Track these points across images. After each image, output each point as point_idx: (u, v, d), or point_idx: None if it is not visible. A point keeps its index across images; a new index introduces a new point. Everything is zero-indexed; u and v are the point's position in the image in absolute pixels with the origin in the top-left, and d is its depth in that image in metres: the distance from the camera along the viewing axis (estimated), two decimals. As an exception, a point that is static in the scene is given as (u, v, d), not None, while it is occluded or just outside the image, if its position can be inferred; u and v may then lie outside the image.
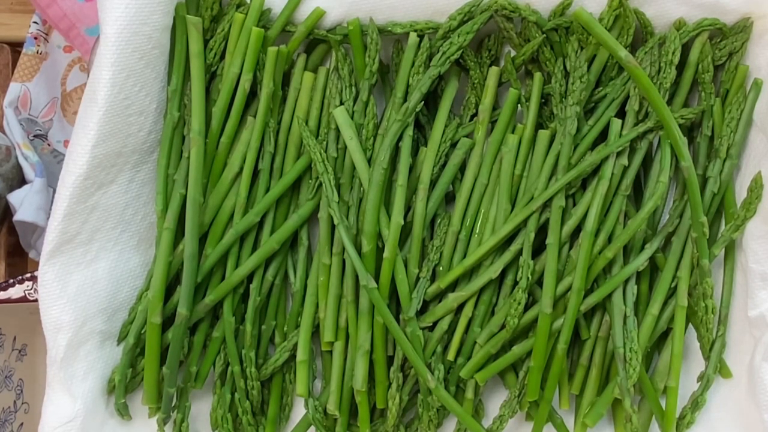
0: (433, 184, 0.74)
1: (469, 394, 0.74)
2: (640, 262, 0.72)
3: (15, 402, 0.87)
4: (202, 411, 0.79)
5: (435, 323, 0.74)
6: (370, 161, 0.73)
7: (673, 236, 0.74)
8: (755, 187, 0.72)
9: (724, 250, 0.74)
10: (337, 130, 0.74)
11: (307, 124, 0.75)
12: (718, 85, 0.75)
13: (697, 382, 0.73)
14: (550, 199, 0.71)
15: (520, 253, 0.72)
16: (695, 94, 0.76)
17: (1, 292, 0.80)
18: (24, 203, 0.82)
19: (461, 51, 0.72)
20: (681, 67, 0.73)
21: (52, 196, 0.85)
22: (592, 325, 0.74)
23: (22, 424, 0.87)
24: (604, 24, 0.72)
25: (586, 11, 0.70)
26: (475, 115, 0.76)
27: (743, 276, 0.73)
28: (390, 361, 0.74)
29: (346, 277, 0.73)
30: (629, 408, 0.70)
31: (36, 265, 0.85)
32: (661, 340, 0.75)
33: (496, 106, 0.76)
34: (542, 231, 0.73)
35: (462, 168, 0.76)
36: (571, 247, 0.73)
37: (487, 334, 0.73)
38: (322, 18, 0.73)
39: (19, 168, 0.84)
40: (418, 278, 0.73)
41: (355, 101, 0.74)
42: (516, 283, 0.72)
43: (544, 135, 0.74)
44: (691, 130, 0.76)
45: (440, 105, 0.75)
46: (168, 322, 0.74)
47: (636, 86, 0.71)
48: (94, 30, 0.79)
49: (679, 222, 0.73)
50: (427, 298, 0.74)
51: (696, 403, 0.72)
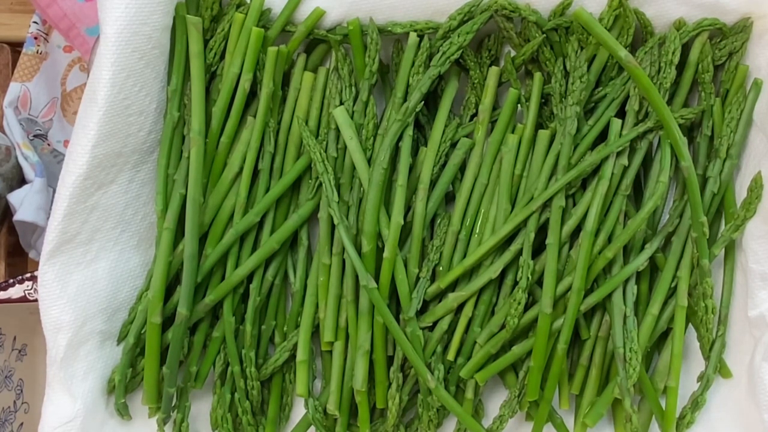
0: (433, 184, 0.74)
1: (469, 394, 0.74)
2: (640, 262, 0.72)
3: (15, 402, 0.87)
4: (202, 411, 0.79)
5: (435, 323, 0.74)
6: (370, 161, 0.73)
7: (673, 236, 0.74)
8: (755, 187, 0.72)
9: (724, 250, 0.74)
10: (337, 130, 0.74)
11: (307, 124, 0.75)
12: (718, 85, 0.75)
13: (697, 382, 0.73)
14: (550, 199, 0.71)
15: (520, 253, 0.72)
16: (695, 94, 0.76)
17: (1, 292, 0.80)
18: (24, 203, 0.82)
19: (461, 51, 0.72)
20: (681, 67, 0.73)
21: (52, 196, 0.85)
22: (592, 325, 0.74)
23: (22, 424, 0.87)
24: (604, 24, 0.72)
25: (586, 11, 0.70)
26: (475, 115, 0.76)
27: (743, 276, 0.73)
28: (390, 361, 0.74)
29: (346, 277, 0.73)
30: (629, 408, 0.70)
31: (36, 265, 0.85)
32: (661, 340, 0.75)
33: (496, 106, 0.76)
34: (542, 231, 0.73)
35: (462, 168, 0.76)
36: (571, 247, 0.73)
37: (487, 334, 0.73)
38: (322, 18, 0.73)
39: (19, 168, 0.84)
40: (418, 278, 0.73)
41: (355, 101, 0.74)
42: (516, 283, 0.72)
43: (544, 135, 0.74)
44: (691, 130, 0.76)
45: (440, 105, 0.75)
46: (168, 322, 0.74)
47: (636, 86, 0.71)
48: (94, 30, 0.79)
49: (679, 222, 0.73)
50: (427, 298, 0.74)
51: (696, 403, 0.72)
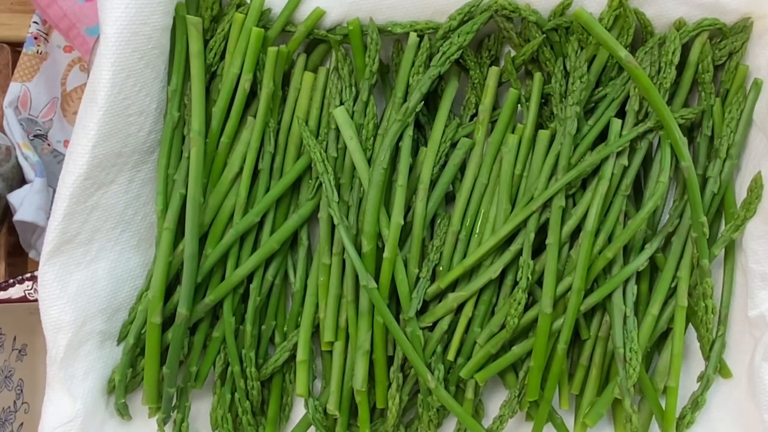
0: (433, 184, 0.74)
1: (469, 394, 0.74)
2: (640, 262, 0.72)
3: (15, 402, 0.87)
4: (202, 411, 0.79)
5: (435, 323, 0.74)
6: (370, 161, 0.73)
7: (673, 236, 0.74)
8: (755, 187, 0.72)
9: (724, 250, 0.74)
10: (337, 130, 0.74)
11: (307, 124, 0.75)
12: (718, 85, 0.75)
13: (697, 382, 0.73)
14: (550, 199, 0.71)
15: (520, 253, 0.72)
16: (695, 94, 0.76)
17: (1, 292, 0.80)
18: (24, 203, 0.82)
19: (461, 51, 0.72)
20: (681, 67, 0.73)
21: (52, 196, 0.85)
22: (592, 325, 0.74)
23: (22, 424, 0.87)
24: (604, 24, 0.72)
25: (586, 11, 0.70)
26: (475, 115, 0.76)
27: (743, 276, 0.73)
28: (390, 361, 0.74)
29: (346, 277, 0.73)
30: (629, 408, 0.70)
31: (36, 265, 0.85)
32: (661, 340, 0.75)
33: (496, 106, 0.76)
34: (542, 231, 0.73)
35: (462, 168, 0.76)
36: (571, 247, 0.73)
37: (487, 334, 0.73)
38: (322, 18, 0.73)
39: (19, 168, 0.84)
40: (418, 278, 0.73)
41: (355, 101, 0.74)
42: (516, 283, 0.72)
43: (544, 135, 0.74)
44: (691, 130, 0.76)
45: (440, 105, 0.75)
46: (168, 322, 0.74)
47: (636, 86, 0.71)
48: (94, 30, 0.79)
49: (679, 222, 0.73)
50: (427, 298, 0.74)
51: (696, 403, 0.72)
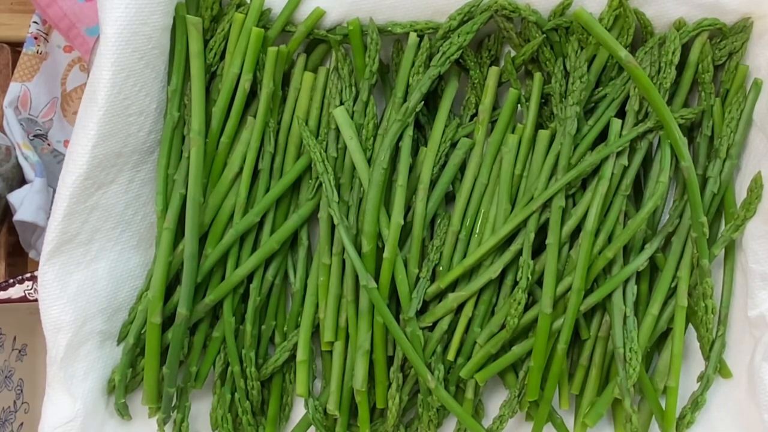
0: (433, 184, 0.74)
1: (469, 394, 0.74)
2: (640, 262, 0.72)
3: (15, 402, 0.87)
4: (202, 411, 0.79)
5: (435, 323, 0.74)
6: (370, 161, 0.73)
7: (673, 236, 0.74)
8: (755, 187, 0.72)
9: (724, 250, 0.74)
10: (337, 130, 0.74)
11: (307, 124, 0.75)
12: (718, 85, 0.75)
13: (697, 382, 0.73)
14: (550, 199, 0.71)
15: (520, 253, 0.72)
16: (695, 94, 0.76)
17: (1, 292, 0.80)
18: (24, 203, 0.82)
19: (461, 51, 0.72)
20: (681, 67, 0.73)
21: (52, 196, 0.85)
22: (592, 325, 0.74)
23: (22, 424, 0.87)
24: (604, 24, 0.72)
25: (586, 11, 0.70)
26: (475, 115, 0.76)
27: (743, 276, 0.73)
28: (390, 361, 0.74)
29: (346, 277, 0.73)
30: (629, 408, 0.70)
31: (36, 265, 0.85)
32: (661, 340, 0.75)
33: (496, 106, 0.76)
34: (542, 231, 0.73)
35: (462, 168, 0.76)
36: (571, 247, 0.73)
37: (487, 334, 0.73)
38: (322, 18, 0.73)
39: (19, 168, 0.84)
40: (418, 278, 0.73)
41: (355, 101, 0.74)
42: (516, 283, 0.72)
43: (544, 135, 0.74)
44: (691, 130, 0.76)
45: (440, 105, 0.75)
46: (168, 322, 0.74)
47: (636, 86, 0.71)
48: (94, 30, 0.79)
49: (679, 222, 0.73)
50: (427, 298, 0.74)
51: (696, 403, 0.72)
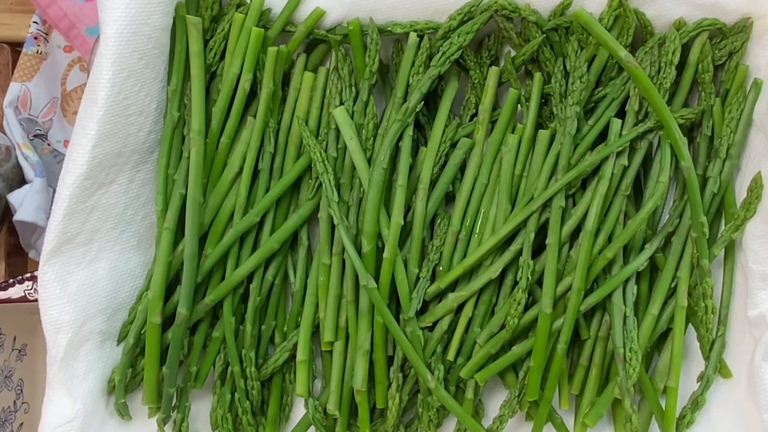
0: (433, 184, 0.74)
1: (469, 394, 0.74)
2: (640, 262, 0.72)
3: (15, 402, 0.87)
4: (202, 411, 0.79)
5: (435, 323, 0.74)
6: (370, 161, 0.73)
7: (673, 236, 0.74)
8: (755, 187, 0.72)
9: (724, 250, 0.74)
10: (337, 130, 0.74)
11: (307, 124, 0.75)
12: (718, 85, 0.75)
13: (697, 382, 0.73)
14: (550, 199, 0.71)
15: (520, 253, 0.72)
16: (695, 94, 0.76)
17: (1, 292, 0.80)
18: (24, 203, 0.82)
19: (461, 51, 0.72)
20: (681, 67, 0.73)
21: (52, 196, 0.85)
22: (592, 325, 0.74)
23: (22, 424, 0.87)
24: (604, 24, 0.72)
25: (586, 11, 0.70)
26: (475, 115, 0.76)
27: (743, 276, 0.73)
28: (390, 361, 0.74)
29: (346, 277, 0.73)
30: (629, 408, 0.70)
31: (36, 265, 0.85)
32: (661, 340, 0.75)
33: (496, 106, 0.76)
34: (542, 231, 0.73)
35: (462, 168, 0.76)
36: (571, 247, 0.73)
37: (487, 334, 0.73)
38: (322, 18, 0.73)
39: (19, 168, 0.84)
40: (418, 278, 0.73)
41: (355, 101, 0.74)
42: (516, 283, 0.72)
43: (544, 135, 0.74)
44: (691, 130, 0.76)
45: (440, 105, 0.75)
46: (168, 322, 0.74)
47: (636, 86, 0.71)
48: (94, 30, 0.79)
49: (679, 222, 0.73)
50: (427, 298, 0.74)
51: (696, 403, 0.72)
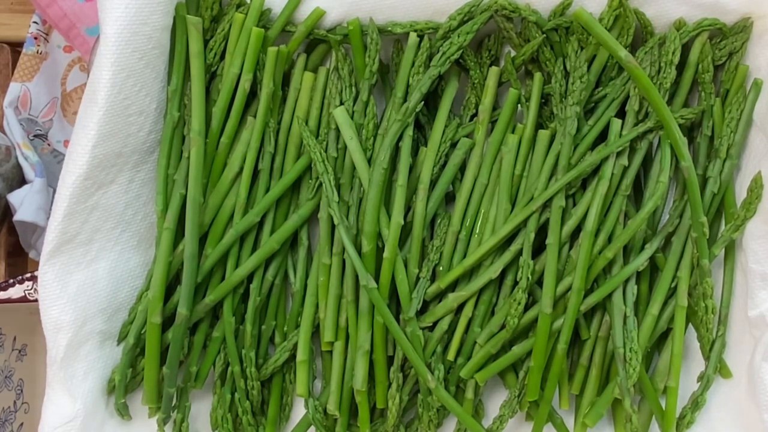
0: (433, 184, 0.74)
1: (469, 394, 0.74)
2: (640, 262, 0.72)
3: (15, 402, 0.87)
4: (202, 411, 0.79)
5: (435, 323, 0.74)
6: (370, 161, 0.73)
7: (673, 236, 0.74)
8: (755, 187, 0.72)
9: (724, 250, 0.74)
10: (337, 130, 0.74)
11: (307, 124, 0.75)
12: (718, 85, 0.75)
13: (697, 382, 0.73)
14: (550, 199, 0.71)
15: (520, 253, 0.72)
16: (695, 94, 0.76)
17: (1, 292, 0.80)
18: (24, 203, 0.82)
19: (461, 51, 0.72)
20: (681, 67, 0.73)
21: (52, 196, 0.85)
22: (592, 325, 0.74)
23: (22, 424, 0.87)
24: (604, 24, 0.72)
25: (586, 11, 0.70)
26: (475, 115, 0.76)
27: (743, 276, 0.73)
28: (390, 361, 0.74)
29: (346, 277, 0.73)
30: (629, 408, 0.70)
31: (36, 265, 0.85)
32: (661, 340, 0.75)
33: (496, 106, 0.76)
34: (542, 231, 0.73)
35: (462, 168, 0.76)
36: (571, 247, 0.73)
37: (487, 334, 0.73)
38: (322, 18, 0.73)
39: (19, 168, 0.84)
40: (418, 278, 0.73)
41: (355, 101, 0.74)
42: (516, 283, 0.72)
43: (544, 135, 0.74)
44: (691, 130, 0.76)
45: (440, 105, 0.75)
46: (168, 322, 0.74)
47: (636, 86, 0.71)
48: (94, 30, 0.79)
49: (679, 222, 0.73)
50: (427, 298, 0.74)
51: (696, 403, 0.72)
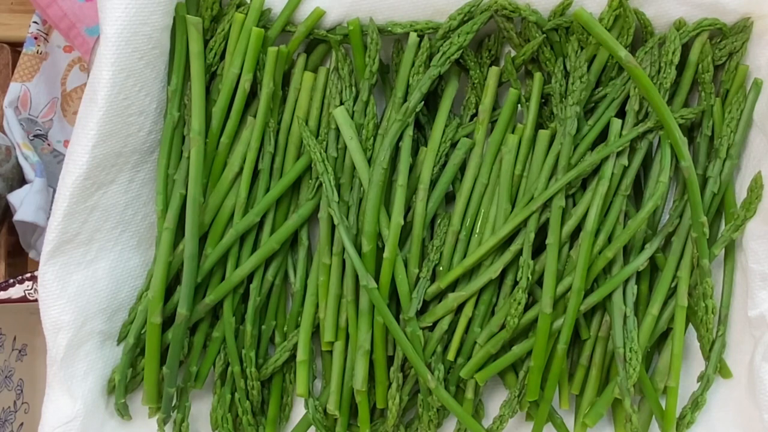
0: (433, 184, 0.74)
1: (469, 394, 0.74)
2: (640, 262, 0.72)
3: (15, 402, 0.87)
4: (202, 411, 0.79)
5: (435, 323, 0.74)
6: (370, 161, 0.73)
7: (673, 236, 0.74)
8: (755, 187, 0.72)
9: (724, 250, 0.74)
10: (337, 130, 0.74)
11: (307, 124, 0.75)
12: (718, 85, 0.75)
13: (697, 382, 0.73)
14: (550, 199, 0.71)
15: (520, 253, 0.72)
16: (695, 94, 0.76)
17: (1, 292, 0.80)
18: (24, 203, 0.82)
19: (461, 51, 0.72)
20: (681, 67, 0.73)
21: (52, 196, 0.85)
22: (592, 325, 0.74)
23: (22, 424, 0.87)
24: (604, 24, 0.72)
25: (586, 11, 0.70)
26: (475, 115, 0.76)
27: (743, 276, 0.73)
28: (390, 361, 0.74)
29: (346, 277, 0.73)
30: (629, 408, 0.70)
31: (36, 265, 0.85)
32: (661, 340, 0.75)
33: (496, 106, 0.76)
34: (542, 231, 0.73)
35: (462, 168, 0.76)
36: (571, 247, 0.73)
37: (487, 334, 0.73)
38: (322, 18, 0.73)
39: (19, 168, 0.84)
40: (418, 278, 0.73)
41: (355, 101, 0.74)
42: (516, 283, 0.72)
43: (544, 135, 0.74)
44: (691, 130, 0.76)
45: (440, 105, 0.75)
46: (168, 322, 0.74)
47: (636, 86, 0.71)
48: (94, 30, 0.79)
49: (679, 222, 0.73)
50: (427, 298, 0.74)
51: (696, 403, 0.72)
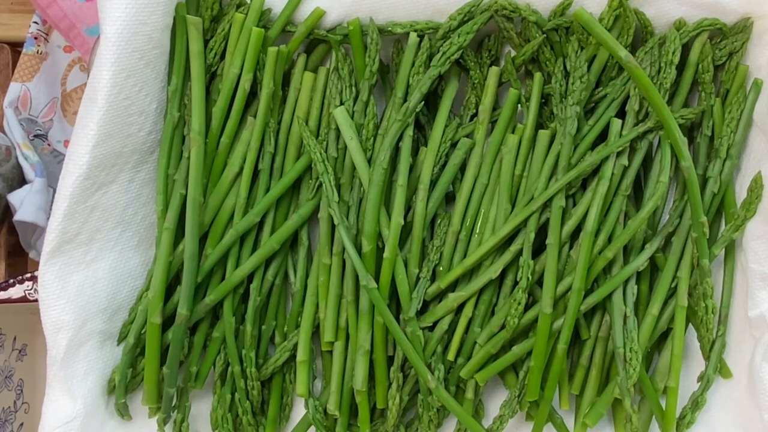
0: (433, 184, 0.74)
1: (469, 394, 0.74)
2: (640, 262, 0.72)
3: (15, 402, 0.87)
4: (202, 411, 0.79)
5: (435, 323, 0.74)
6: (370, 161, 0.73)
7: (673, 236, 0.74)
8: (755, 187, 0.72)
9: (724, 250, 0.74)
10: (337, 130, 0.74)
11: (307, 124, 0.75)
12: (718, 85, 0.75)
13: (697, 382, 0.73)
14: (550, 199, 0.71)
15: (520, 253, 0.72)
16: (695, 94, 0.76)
17: (1, 292, 0.80)
18: (24, 203, 0.82)
19: (461, 51, 0.72)
20: (681, 67, 0.73)
21: (52, 196, 0.85)
22: (592, 325, 0.74)
23: (22, 424, 0.87)
24: (604, 24, 0.72)
25: (586, 11, 0.70)
26: (475, 115, 0.76)
27: (743, 276, 0.73)
28: (390, 361, 0.74)
29: (346, 277, 0.73)
30: (629, 408, 0.70)
31: (36, 265, 0.85)
32: (661, 340, 0.75)
33: (496, 106, 0.76)
34: (542, 231, 0.73)
35: (462, 168, 0.76)
36: (571, 247, 0.73)
37: (487, 334, 0.73)
38: (322, 18, 0.74)
39: (19, 168, 0.84)
40: (418, 278, 0.73)
41: (355, 101, 0.74)
42: (516, 283, 0.72)
43: (544, 135, 0.74)
44: (691, 130, 0.76)
45: (440, 105, 0.75)
46: (168, 322, 0.74)
47: (636, 86, 0.71)
48: (94, 30, 0.79)
49: (679, 222, 0.73)
50: (427, 298, 0.74)
51: (696, 403, 0.72)
